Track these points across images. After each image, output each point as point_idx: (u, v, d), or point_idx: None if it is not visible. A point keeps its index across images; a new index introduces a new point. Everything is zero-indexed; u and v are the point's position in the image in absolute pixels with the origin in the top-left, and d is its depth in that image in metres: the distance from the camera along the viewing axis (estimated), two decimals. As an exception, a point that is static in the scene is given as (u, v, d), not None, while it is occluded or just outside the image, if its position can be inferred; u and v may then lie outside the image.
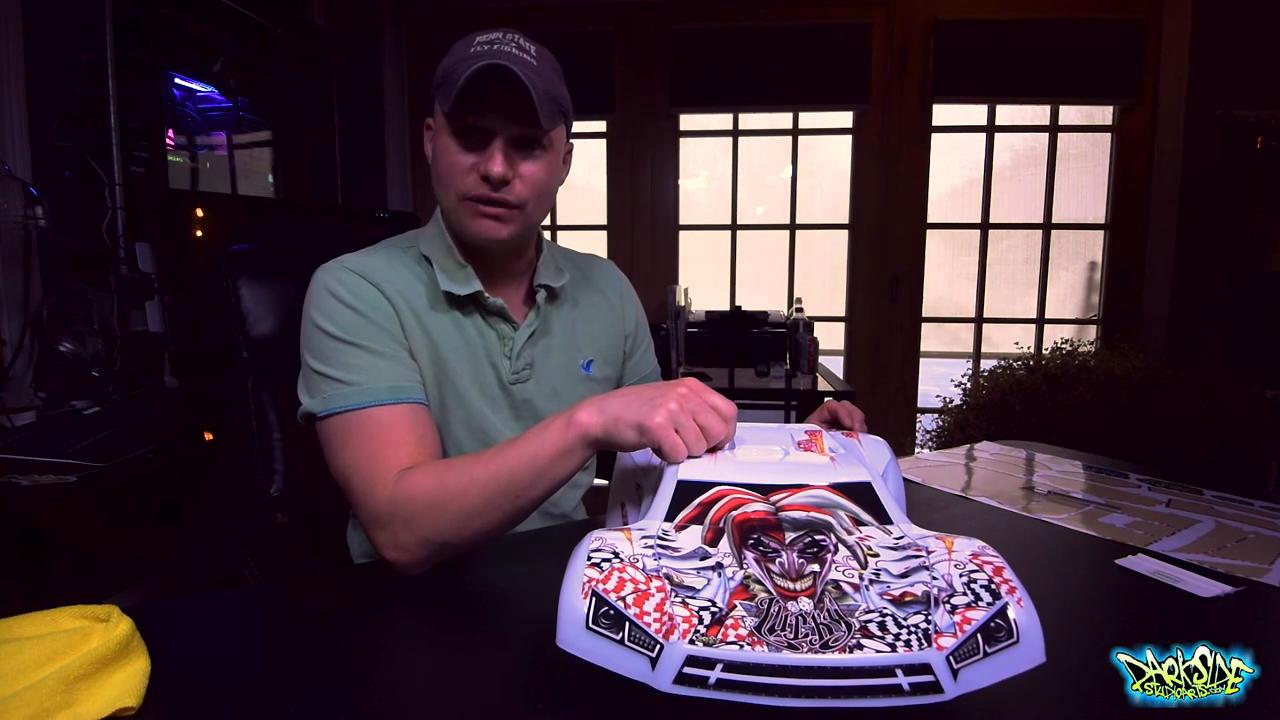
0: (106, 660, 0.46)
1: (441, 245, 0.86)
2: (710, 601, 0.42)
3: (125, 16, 1.75)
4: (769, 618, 0.41)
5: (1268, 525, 0.84)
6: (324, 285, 0.80)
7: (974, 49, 2.88)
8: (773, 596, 0.43)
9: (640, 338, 1.04)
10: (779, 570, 0.45)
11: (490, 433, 0.86)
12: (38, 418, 1.61)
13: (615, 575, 0.44)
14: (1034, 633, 0.41)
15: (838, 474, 0.54)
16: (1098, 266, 3.08)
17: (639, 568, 0.45)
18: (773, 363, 2.45)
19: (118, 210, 1.74)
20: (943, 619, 0.41)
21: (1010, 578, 0.44)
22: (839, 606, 0.42)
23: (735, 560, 0.46)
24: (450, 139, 0.79)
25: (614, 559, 0.45)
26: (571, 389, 0.92)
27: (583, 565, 0.44)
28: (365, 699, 0.48)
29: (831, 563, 0.45)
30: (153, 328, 1.82)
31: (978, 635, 0.41)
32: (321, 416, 0.75)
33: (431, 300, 0.84)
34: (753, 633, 0.40)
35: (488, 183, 0.78)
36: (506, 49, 0.76)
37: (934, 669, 0.39)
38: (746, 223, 3.19)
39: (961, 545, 0.47)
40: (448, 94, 0.75)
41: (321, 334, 0.78)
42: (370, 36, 2.98)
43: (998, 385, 2.33)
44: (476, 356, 0.86)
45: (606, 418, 0.61)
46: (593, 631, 0.42)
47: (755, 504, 0.50)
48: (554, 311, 0.92)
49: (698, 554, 0.47)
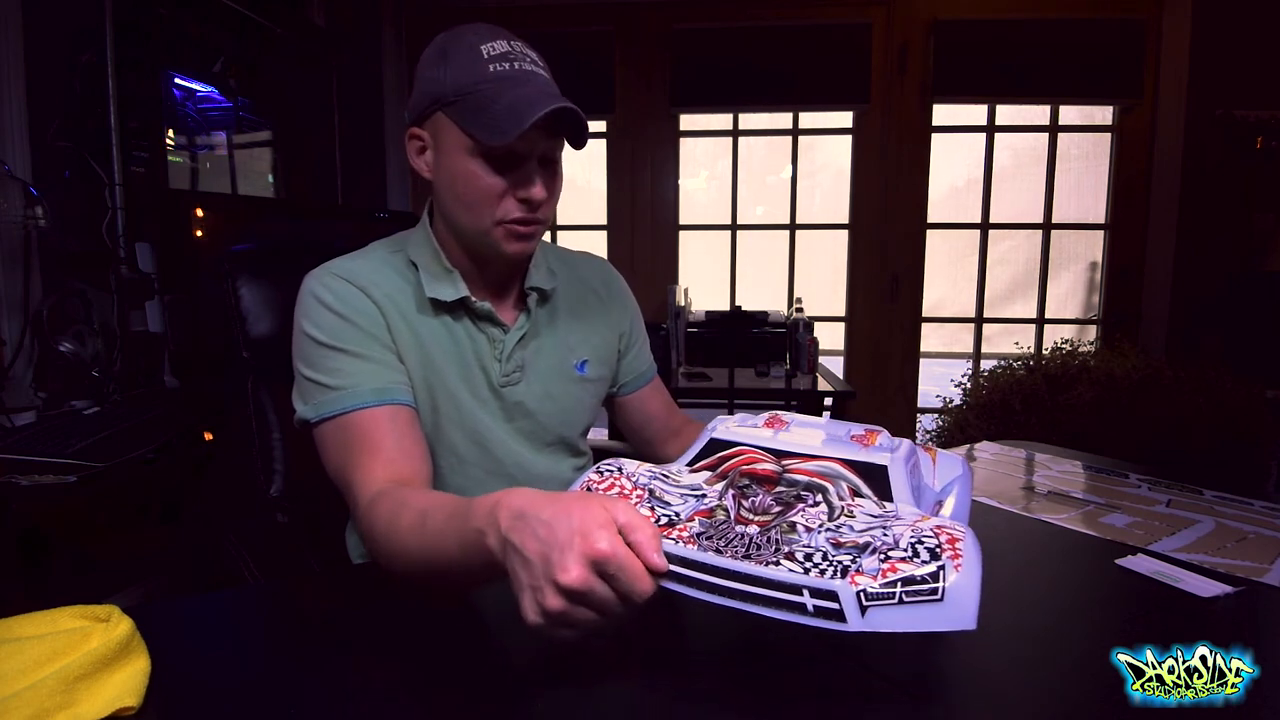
0: (106, 660, 0.46)
1: (429, 250, 0.84)
2: (675, 514, 0.49)
3: (125, 16, 1.75)
4: (713, 530, 0.47)
5: (1268, 525, 0.84)
6: (311, 293, 0.80)
7: (974, 49, 2.88)
8: (729, 519, 0.48)
9: (635, 335, 1.02)
10: (748, 506, 0.50)
11: (484, 434, 0.86)
12: (38, 418, 1.61)
13: (610, 479, 0.54)
14: (965, 597, 0.41)
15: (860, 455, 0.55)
16: (1098, 266, 3.09)
17: (631, 479, 0.54)
18: (773, 363, 2.45)
19: (118, 210, 1.74)
20: (870, 563, 0.43)
21: (962, 549, 0.43)
22: (781, 537, 0.46)
23: (717, 495, 0.51)
24: (475, 161, 0.76)
25: (616, 471, 0.55)
26: (565, 390, 0.92)
27: (590, 470, 0.55)
28: (365, 699, 0.48)
29: (800, 510, 0.49)
30: (153, 328, 1.82)
31: (898, 583, 0.41)
32: (314, 422, 0.77)
33: (420, 304, 0.84)
34: (693, 538, 0.46)
35: (526, 205, 0.78)
36: (527, 67, 0.76)
37: (840, 598, 0.41)
38: (746, 223, 3.19)
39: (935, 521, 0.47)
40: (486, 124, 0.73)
41: (309, 341, 0.78)
42: (370, 36, 2.98)
43: (998, 385, 2.33)
44: (466, 360, 0.85)
45: (498, 548, 0.49)
46: None
47: (766, 463, 0.54)
48: (545, 313, 0.91)
49: (692, 488, 0.53)
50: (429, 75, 0.78)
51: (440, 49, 0.78)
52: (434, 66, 0.77)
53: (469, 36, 0.77)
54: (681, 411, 1.08)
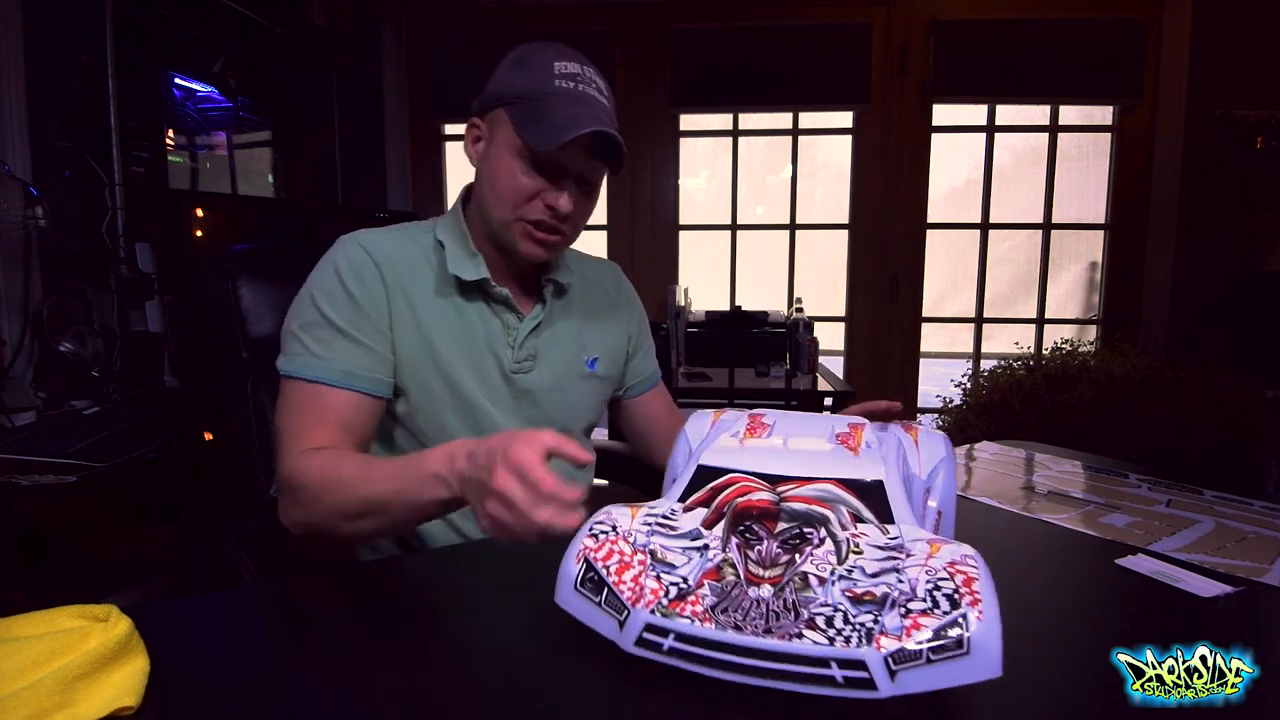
0: (105, 660, 0.46)
1: (457, 232, 0.88)
2: (683, 579, 0.47)
3: (125, 16, 1.75)
4: (727, 599, 0.45)
5: (1268, 525, 0.84)
6: (333, 260, 0.84)
7: (974, 49, 2.88)
8: (739, 580, 0.46)
9: (642, 340, 1.06)
10: (755, 557, 0.48)
11: (484, 422, 0.87)
12: (38, 418, 1.61)
13: (608, 545, 0.50)
14: (989, 646, 0.41)
15: (853, 469, 0.54)
16: (1098, 266, 3.09)
17: (630, 541, 0.50)
18: (773, 363, 2.45)
19: (118, 210, 1.74)
20: (892, 620, 0.42)
21: (979, 590, 0.43)
22: (798, 597, 0.45)
23: (721, 544, 0.49)
24: (519, 161, 0.81)
25: (611, 531, 0.51)
26: (574, 384, 0.94)
27: (584, 534, 0.51)
28: (365, 699, 0.48)
29: (809, 555, 0.47)
30: (153, 328, 1.82)
31: (924, 641, 0.41)
32: (282, 375, 0.81)
33: (435, 285, 0.86)
34: (708, 611, 0.45)
35: (551, 212, 0.82)
36: (590, 92, 0.81)
37: (869, 666, 0.41)
38: (746, 223, 3.19)
39: (945, 552, 0.47)
40: (536, 129, 0.78)
41: (311, 304, 0.82)
42: (370, 36, 2.98)
43: (998, 385, 2.33)
44: (476, 344, 0.87)
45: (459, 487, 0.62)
46: (579, 592, 0.48)
47: (761, 493, 0.52)
48: (560, 307, 0.94)
49: (691, 534, 0.51)
50: (502, 75, 0.83)
51: (520, 55, 0.84)
52: (510, 69, 0.83)
53: (549, 51, 0.82)
54: (681, 413, 1.09)
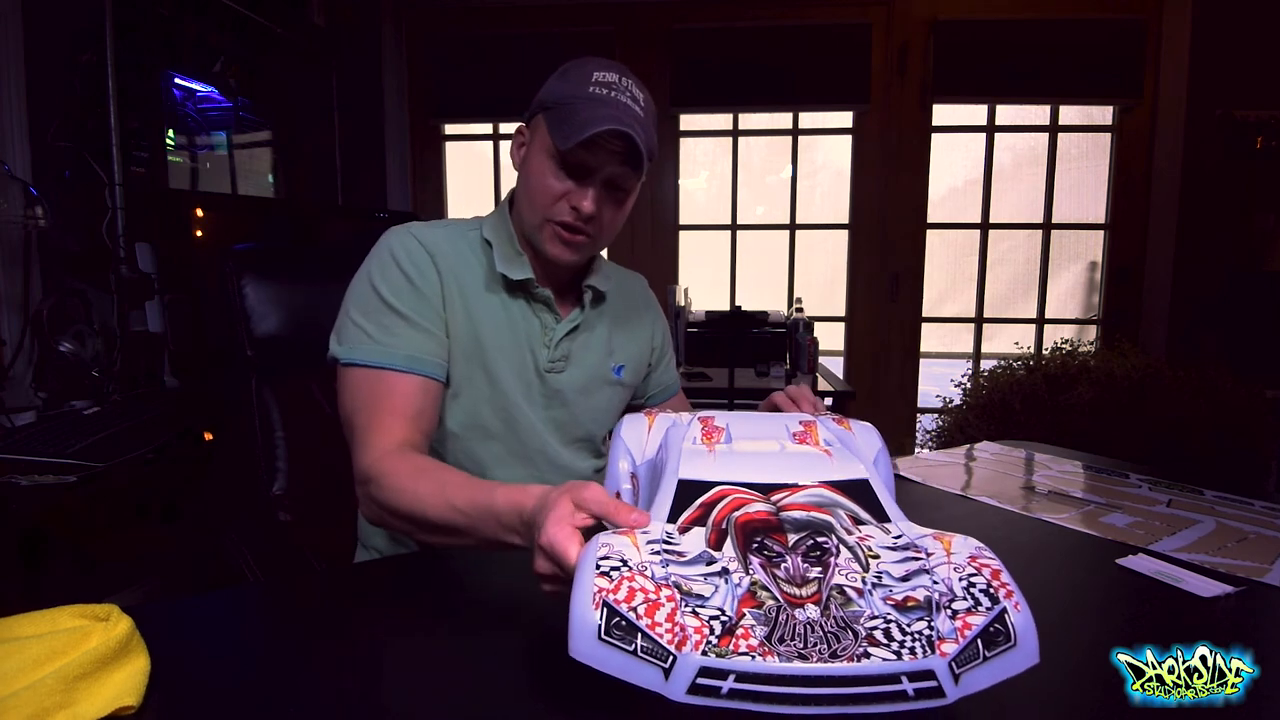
0: (106, 659, 0.46)
1: (504, 232, 0.91)
2: (720, 610, 0.43)
3: (125, 16, 1.75)
4: (778, 627, 0.42)
5: (1268, 525, 0.84)
6: (388, 247, 0.86)
7: (974, 49, 2.88)
8: (780, 604, 0.43)
9: (665, 350, 1.10)
10: (784, 576, 0.45)
11: (516, 417, 0.90)
12: (38, 418, 1.61)
13: (625, 585, 0.44)
14: (1030, 635, 0.42)
15: (835, 470, 0.55)
16: (1098, 266, 3.08)
17: (648, 576, 0.44)
18: (773, 363, 2.45)
19: (118, 210, 1.74)
20: (944, 625, 0.42)
21: (1007, 580, 0.44)
22: (845, 613, 0.43)
23: (741, 565, 0.46)
24: (549, 161, 0.84)
25: (623, 567, 0.45)
26: (600, 389, 0.97)
27: (592, 574, 0.44)
28: (365, 699, 0.48)
29: (835, 566, 0.46)
30: (153, 328, 1.82)
31: (978, 640, 0.42)
32: (344, 363, 0.82)
33: (484, 281, 0.90)
34: (763, 643, 0.41)
35: (576, 213, 0.84)
36: (623, 99, 0.82)
37: (937, 675, 0.40)
38: (746, 223, 3.19)
39: (959, 546, 0.48)
40: (563, 130, 0.81)
41: (371, 291, 0.83)
42: (370, 36, 2.98)
43: (998, 385, 2.33)
44: (518, 340, 0.90)
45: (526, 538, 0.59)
46: (605, 642, 0.42)
47: (756, 504, 0.51)
48: (596, 313, 0.97)
49: (703, 558, 0.47)
50: (549, 84, 0.87)
51: (566, 66, 0.87)
52: (555, 78, 0.87)
53: (591, 63, 0.85)
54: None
